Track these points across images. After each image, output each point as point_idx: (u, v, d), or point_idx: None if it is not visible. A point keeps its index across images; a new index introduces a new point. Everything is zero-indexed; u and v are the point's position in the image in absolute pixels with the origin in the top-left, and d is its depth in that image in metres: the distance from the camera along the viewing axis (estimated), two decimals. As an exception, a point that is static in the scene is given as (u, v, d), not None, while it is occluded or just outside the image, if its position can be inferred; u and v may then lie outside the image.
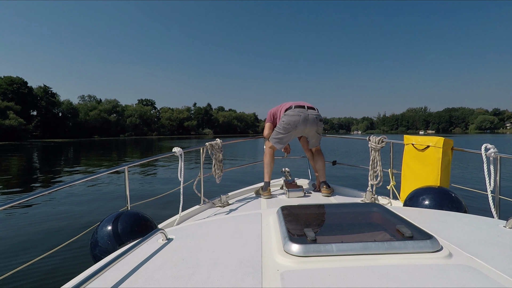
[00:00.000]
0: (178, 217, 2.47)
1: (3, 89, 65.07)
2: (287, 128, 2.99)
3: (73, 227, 4.52)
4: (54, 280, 2.86)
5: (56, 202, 6.27)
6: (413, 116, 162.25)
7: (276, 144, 3.12)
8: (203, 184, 2.89)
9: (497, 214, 2.11)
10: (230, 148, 22.91)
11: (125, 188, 2.20)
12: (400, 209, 1.39)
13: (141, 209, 2.13)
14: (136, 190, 7.45)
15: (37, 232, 4.32)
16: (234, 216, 1.38)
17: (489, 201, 2.06)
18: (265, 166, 3.18)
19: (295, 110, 2.98)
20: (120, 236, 1.71)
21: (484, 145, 2.14)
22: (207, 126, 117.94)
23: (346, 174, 9.22)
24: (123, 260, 0.90)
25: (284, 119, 3.00)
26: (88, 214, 5.29)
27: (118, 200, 6.28)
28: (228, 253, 0.92)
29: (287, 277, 0.75)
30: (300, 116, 2.94)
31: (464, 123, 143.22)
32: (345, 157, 16.23)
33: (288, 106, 3.06)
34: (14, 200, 1.41)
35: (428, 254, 0.86)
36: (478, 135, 78.23)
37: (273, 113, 3.31)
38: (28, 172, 12.01)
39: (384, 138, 2.80)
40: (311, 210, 1.29)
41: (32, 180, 9.71)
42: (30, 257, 1.66)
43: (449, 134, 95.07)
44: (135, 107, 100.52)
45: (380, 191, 2.92)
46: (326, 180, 3.17)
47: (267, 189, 3.11)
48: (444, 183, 2.47)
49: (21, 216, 5.21)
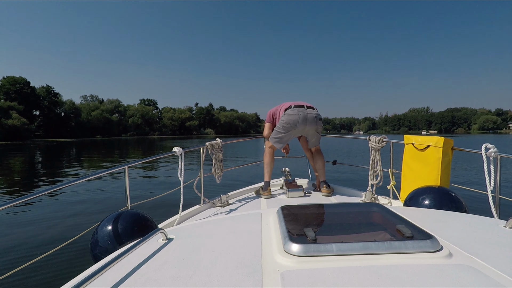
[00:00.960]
0: (178, 217, 2.47)
1: (6, 89, 65.86)
2: (286, 127, 2.99)
3: (73, 227, 4.52)
4: (54, 280, 2.86)
5: (56, 202, 6.28)
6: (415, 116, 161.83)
7: (276, 144, 3.12)
8: (203, 184, 2.88)
9: (497, 214, 2.10)
10: (231, 148, 22.91)
11: (125, 188, 2.20)
12: (400, 209, 1.39)
13: (141, 209, 2.13)
14: (136, 190, 7.45)
15: (37, 232, 4.32)
16: (234, 216, 1.38)
17: (489, 201, 2.06)
18: (265, 166, 3.18)
19: (295, 110, 2.98)
20: (120, 236, 1.71)
21: (484, 145, 2.13)
22: (209, 126, 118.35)
23: (346, 174, 9.21)
24: (123, 260, 0.90)
25: (283, 118, 3.01)
26: (88, 214, 5.29)
27: (118, 200, 6.29)
28: (228, 253, 0.92)
29: (287, 277, 0.75)
30: (299, 115, 2.94)
31: (466, 123, 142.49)
32: (347, 157, 16.20)
33: (288, 106, 3.06)
34: (14, 200, 1.41)
35: (428, 254, 0.86)
36: (480, 136, 77.78)
37: (272, 113, 3.32)
38: (31, 171, 12.08)
39: (384, 138, 2.79)
40: (311, 210, 1.29)
41: (35, 180, 9.74)
42: (30, 257, 1.66)
43: (451, 135, 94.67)
44: (137, 107, 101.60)
45: (380, 191, 2.91)
46: (326, 179, 3.17)
47: (267, 189, 3.11)
48: (444, 183, 2.46)
49: (21, 216, 5.22)
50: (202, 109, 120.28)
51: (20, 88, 67.53)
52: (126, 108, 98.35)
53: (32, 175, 10.98)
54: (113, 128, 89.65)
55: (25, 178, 10.23)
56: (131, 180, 8.89)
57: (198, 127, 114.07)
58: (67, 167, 13.25)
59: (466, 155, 12.81)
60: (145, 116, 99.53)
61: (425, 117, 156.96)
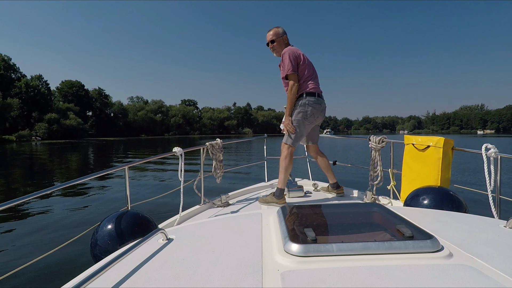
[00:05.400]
0: (179, 217, 2.48)
1: (64, 92, 73.31)
2: (311, 121, 2.75)
3: (73, 227, 4.53)
4: (54, 280, 2.87)
5: (57, 202, 6.29)
6: (467, 115, 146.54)
7: (295, 143, 2.78)
8: (204, 184, 2.87)
9: (497, 214, 2.09)
10: (230, 148, 22.85)
11: (126, 188, 2.21)
12: (401, 209, 1.39)
13: (142, 209, 2.14)
14: (137, 190, 7.45)
15: (37, 232, 4.34)
16: (234, 216, 1.39)
17: (490, 201, 2.05)
18: (283, 171, 2.74)
19: (319, 101, 2.75)
20: (121, 236, 1.71)
21: (484, 145, 2.12)
22: (246, 125, 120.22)
23: (346, 174, 9.19)
24: (123, 260, 0.90)
25: (307, 110, 2.70)
26: (89, 214, 5.30)
27: (118, 200, 6.29)
28: (228, 253, 0.93)
29: (287, 277, 0.75)
30: (321, 106, 2.78)
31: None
32: (347, 157, 15.87)
33: (310, 89, 2.71)
34: (14, 200, 1.41)
35: (429, 254, 0.86)
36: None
37: (294, 57, 2.70)
38: (86, 166, 13.60)
39: (384, 138, 2.80)
40: (311, 210, 1.29)
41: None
42: (30, 257, 1.67)
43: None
44: (178, 107, 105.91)
45: (380, 191, 2.91)
46: (336, 180, 3.12)
47: (283, 196, 2.76)
48: (444, 183, 2.45)
49: (21, 216, 5.24)
50: (240, 109, 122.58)
51: (76, 90, 75.19)
52: (168, 109, 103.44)
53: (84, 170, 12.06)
54: (156, 127, 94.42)
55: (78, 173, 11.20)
56: (132, 180, 8.85)
57: (236, 126, 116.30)
58: (116, 162, 14.87)
59: (467, 155, 12.33)
60: (186, 116, 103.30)
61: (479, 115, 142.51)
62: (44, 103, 60.80)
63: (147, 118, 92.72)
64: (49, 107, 61.88)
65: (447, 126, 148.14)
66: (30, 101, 57.68)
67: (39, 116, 57.90)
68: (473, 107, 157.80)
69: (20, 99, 55.00)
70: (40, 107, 59.28)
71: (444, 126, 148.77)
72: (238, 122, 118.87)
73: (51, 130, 57.22)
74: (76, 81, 76.64)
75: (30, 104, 57.67)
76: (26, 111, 56.99)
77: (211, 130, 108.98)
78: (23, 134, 51.55)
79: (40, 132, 55.22)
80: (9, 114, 50.58)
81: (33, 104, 58.20)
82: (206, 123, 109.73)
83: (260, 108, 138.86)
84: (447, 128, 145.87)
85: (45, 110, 59.82)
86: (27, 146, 32.80)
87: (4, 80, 56.60)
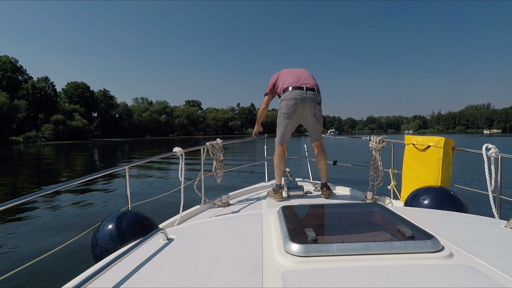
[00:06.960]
0: (179, 217, 2.48)
1: (70, 93, 73.87)
2: (288, 114, 2.78)
3: (73, 227, 4.55)
4: (54, 280, 2.88)
5: (57, 202, 6.33)
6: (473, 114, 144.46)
7: (281, 141, 2.94)
8: (204, 184, 2.87)
9: (498, 214, 2.08)
10: (235, 149, 22.91)
11: (126, 188, 2.21)
12: (401, 209, 1.39)
13: (142, 209, 2.14)
14: (137, 190, 7.47)
15: (38, 232, 4.36)
16: (234, 216, 1.39)
17: (490, 201, 2.04)
18: (275, 168, 3.03)
19: (293, 93, 2.74)
20: (121, 236, 1.71)
21: (484, 145, 2.11)
22: (250, 125, 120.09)
23: (346, 174, 9.15)
24: (123, 260, 0.90)
25: (282, 105, 2.80)
26: (89, 214, 5.33)
27: (118, 200, 6.32)
28: (228, 253, 0.93)
29: (287, 277, 0.75)
30: (297, 99, 2.74)
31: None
32: (348, 157, 15.79)
33: (286, 86, 2.80)
34: (14, 200, 1.41)
35: (429, 254, 0.86)
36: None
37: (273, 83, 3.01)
38: (91, 166, 13.86)
39: (384, 138, 2.80)
40: (311, 210, 1.29)
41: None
42: (30, 257, 1.67)
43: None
44: (182, 108, 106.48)
45: (381, 191, 2.91)
46: (326, 181, 3.07)
47: (279, 192, 2.97)
48: (445, 183, 2.44)
49: (21, 216, 5.27)
50: (244, 109, 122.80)
51: (82, 92, 75.31)
52: (173, 109, 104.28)
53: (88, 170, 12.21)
54: (161, 128, 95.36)
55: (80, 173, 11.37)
56: (132, 180, 8.88)
57: (240, 127, 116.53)
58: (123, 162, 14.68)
59: (467, 155, 11.97)
60: (190, 116, 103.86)
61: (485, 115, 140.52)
62: (50, 105, 61.38)
63: (152, 119, 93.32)
64: (55, 108, 62.37)
65: (452, 125, 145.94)
66: (36, 103, 58.47)
67: (45, 117, 58.58)
68: (479, 107, 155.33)
69: (27, 101, 55.71)
70: (47, 109, 59.88)
71: (450, 126, 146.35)
72: (242, 122, 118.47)
73: (57, 131, 57.80)
74: (82, 83, 76.88)
75: (36, 105, 58.45)
76: (33, 112, 57.84)
77: (215, 131, 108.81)
78: (30, 136, 52.37)
79: (46, 133, 55.85)
80: (16, 115, 51.32)
81: (39, 105, 58.94)
82: (210, 123, 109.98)
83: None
84: (452, 128, 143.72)
85: (51, 112, 60.38)
86: (34, 147, 33.23)
87: (11, 82, 57.60)
